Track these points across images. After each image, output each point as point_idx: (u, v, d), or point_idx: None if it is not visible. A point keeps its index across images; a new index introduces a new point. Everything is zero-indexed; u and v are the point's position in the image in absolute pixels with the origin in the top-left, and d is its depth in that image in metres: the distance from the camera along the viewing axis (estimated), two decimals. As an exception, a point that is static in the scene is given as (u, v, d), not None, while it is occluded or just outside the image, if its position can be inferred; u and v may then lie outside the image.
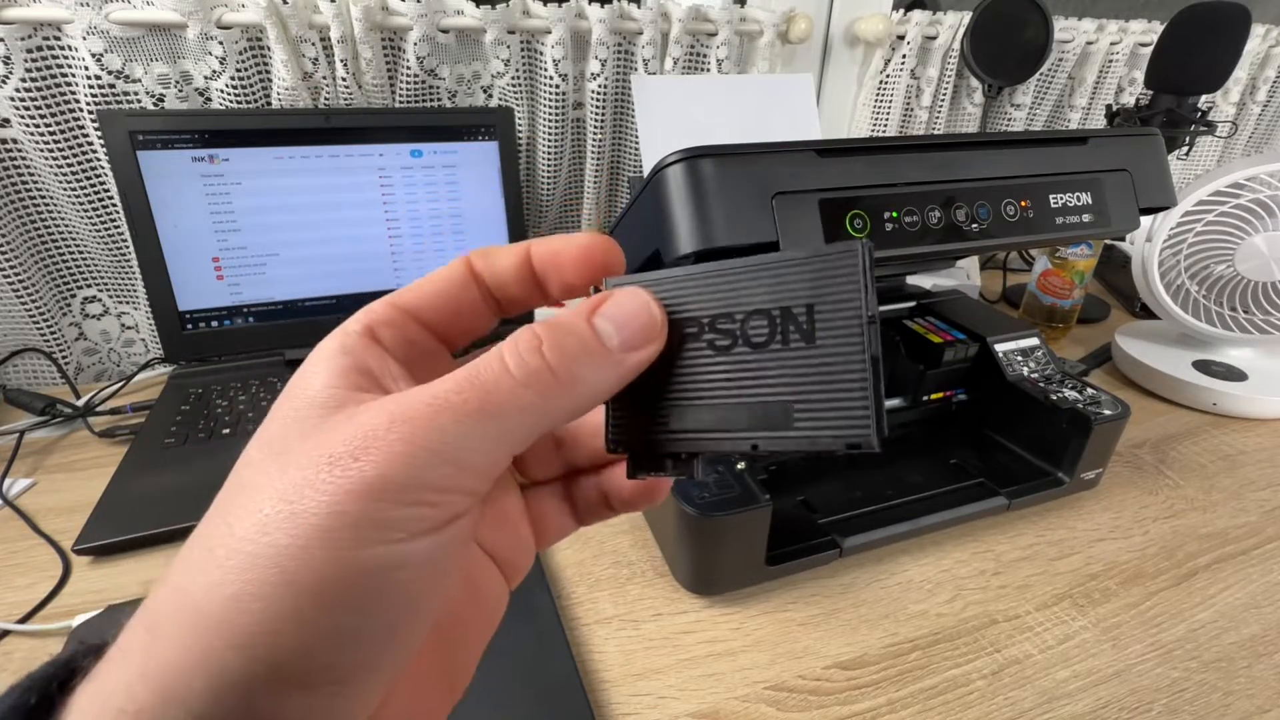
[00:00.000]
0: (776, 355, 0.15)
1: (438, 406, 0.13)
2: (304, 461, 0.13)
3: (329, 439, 0.13)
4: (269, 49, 0.65)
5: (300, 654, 0.12)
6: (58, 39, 0.61)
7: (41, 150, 0.62)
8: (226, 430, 0.59)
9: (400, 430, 0.13)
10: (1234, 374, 0.68)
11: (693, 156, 0.31)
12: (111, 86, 0.62)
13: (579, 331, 0.15)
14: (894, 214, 0.34)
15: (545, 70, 0.75)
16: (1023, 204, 0.37)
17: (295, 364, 0.34)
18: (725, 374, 0.16)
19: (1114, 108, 0.87)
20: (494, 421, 0.14)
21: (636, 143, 0.82)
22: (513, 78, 0.75)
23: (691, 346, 0.16)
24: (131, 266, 0.70)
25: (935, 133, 0.98)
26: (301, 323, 0.69)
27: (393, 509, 0.13)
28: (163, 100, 0.64)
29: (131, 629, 0.13)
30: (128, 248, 0.69)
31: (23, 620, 0.42)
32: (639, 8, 0.76)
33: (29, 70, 0.60)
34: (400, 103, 0.73)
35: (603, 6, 0.74)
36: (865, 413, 0.14)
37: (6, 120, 0.61)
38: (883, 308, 0.62)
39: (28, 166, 0.64)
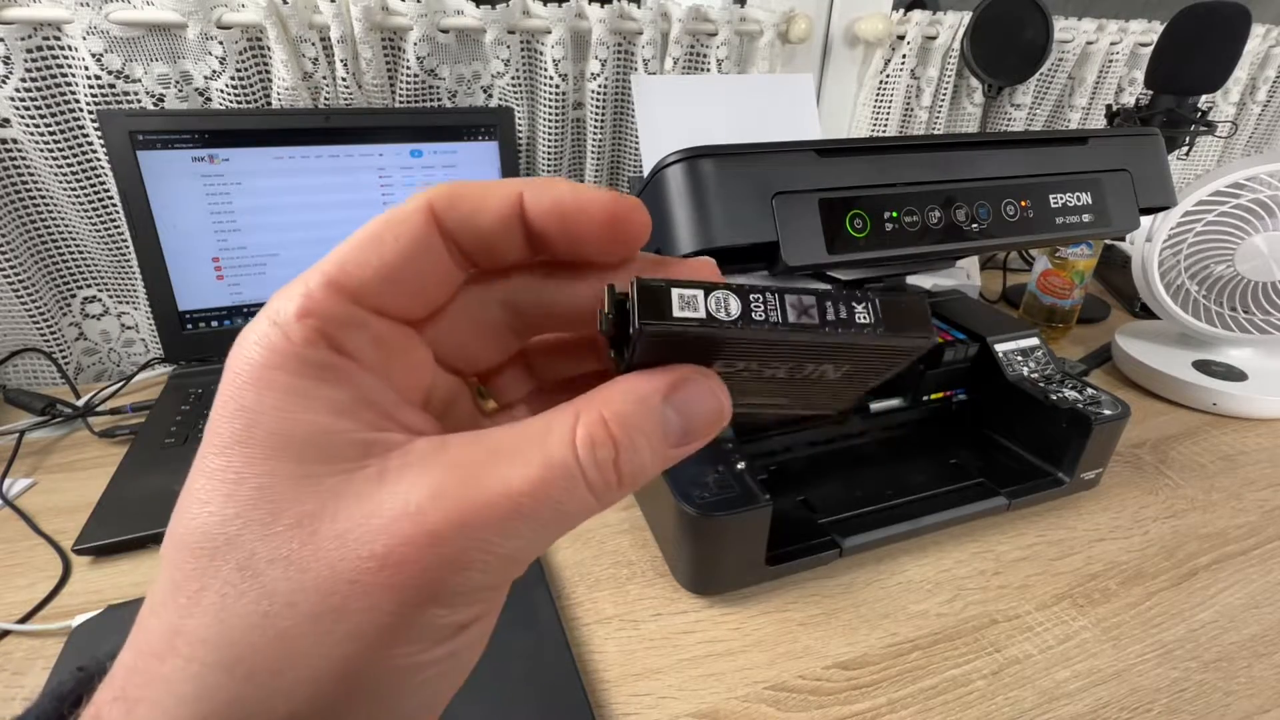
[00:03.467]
0: (800, 380, 0.16)
1: (510, 510, 0.12)
2: (334, 549, 0.11)
3: (369, 520, 0.11)
4: (269, 49, 0.65)
5: None
6: (58, 39, 0.61)
7: (41, 150, 0.62)
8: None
9: (471, 536, 0.11)
10: (1234, 374, 0.68)
11: (693, 156, 0.31)
12: (111, 86, 0.62)
13: (652, 433, 0.13)
14: (894, 214, 0.34)
15: (545, 70, 0.75)
16: (1023, 204, 0.37)
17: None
18: (754, 383, 0.16)
19: (1114, 108, 0.87)
20: (562, 529, 0.13)
21: (636, 143, 0.82)
22: (513, 78, 0.75)
23: (728, 367, 0.16)
24: (131, 266, 0.70)
25: (935, 133, 0.98)
26: (301, 323, 0.69)
27: (444, 614, 0.12)
28: (163, 100, 0.64)
29: (108, 707, 0.11)
30: (128, 248, 0.69)
31: (23, 620, 0.42)
32: (639, 8, 0.76)
33: (29, 70, 0.60)
34: (400, 103, 0.73)
35: (603, 6, 0.74)
36: (850, 406, 0.17)
37: (6, 120, 0.61)
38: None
39: (28, 166, 0.64)
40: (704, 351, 0.14)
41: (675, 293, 0.13)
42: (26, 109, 0.60)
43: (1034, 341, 0.58)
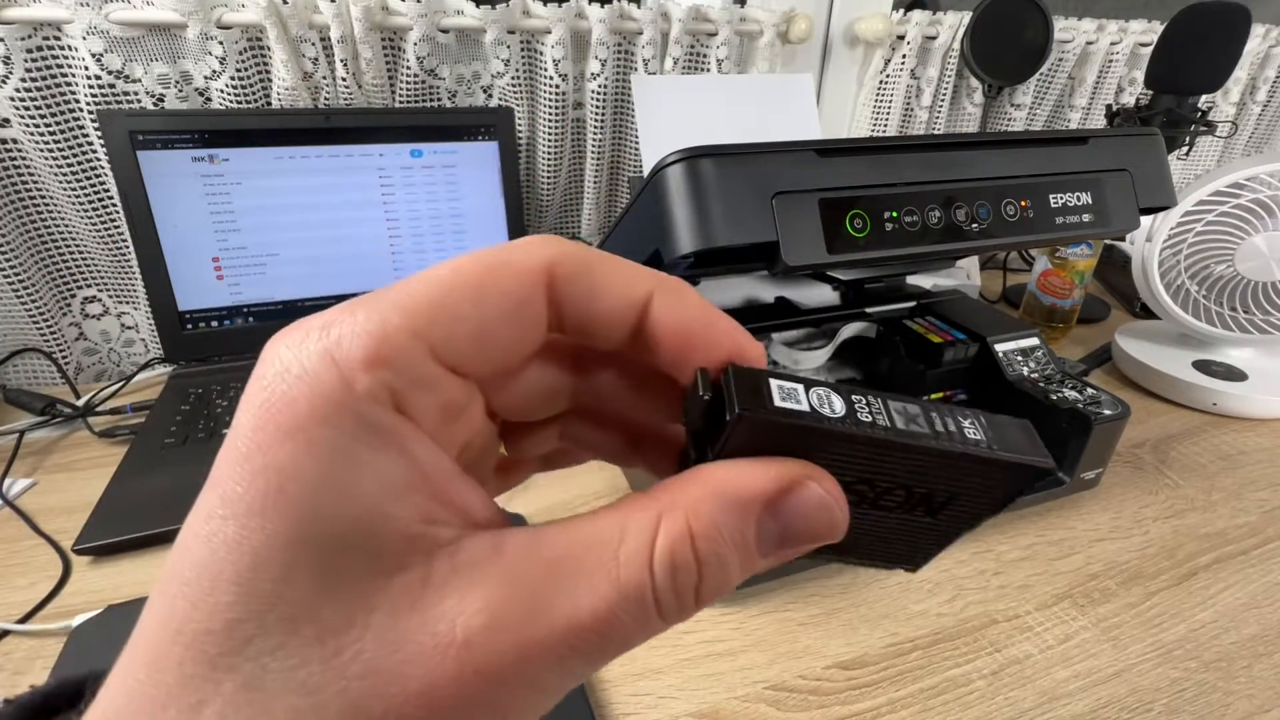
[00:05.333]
0: (892, 517, 0.15)
1: (571, 646, 0.10)
2: (361, 680, 0.09)
3: (405, 647, 0.10)
4: (269, 49, 0.65)
5: None
6: (58, 39, 0.60)
7: (41, 150, 0.62)
8: (226, 430, 0.59)
9: (522, 675, 0.10)
10: (1234, 374, 0.68)
11: (693, 156, 0.31)
12: (111, 86, 0.62)
13: (745, 549, 0.11)
14: (894, 214, 0.34)
15: (545, 70, 0.75)
16: (1023, 204, 0.37)
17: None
18: None
19: (1114, 108, 0.87)
20: (614, 657, 0.11)
21: (636, 143, 0.82)
22: (513, 78, 0.75)
23: None
24: (131, 266, 0.70)
25: (935, 133, 0.98)
26: (301, 323, 0.69)
27: None
28: (163, 100, 0.64)
29: None
30: (128, 248, 0.69)
31: (22, 620, 0.42)
32: (639, 8, 0.76)
33: (29, 70, 0.60)
34: (400, 103, 0.73)
35: (603, 6, 0.74)
36: (930, 558, 0.17)
37: (6, 120, 0.61)
38: (882, 308, 0.62)
39: (28, 166, 0.64)
40: (797, 455, 0.12)
41: (774, 382, 0.12)
42: (26, 109, 0.60)
43: (1034, 341, 0.58)
